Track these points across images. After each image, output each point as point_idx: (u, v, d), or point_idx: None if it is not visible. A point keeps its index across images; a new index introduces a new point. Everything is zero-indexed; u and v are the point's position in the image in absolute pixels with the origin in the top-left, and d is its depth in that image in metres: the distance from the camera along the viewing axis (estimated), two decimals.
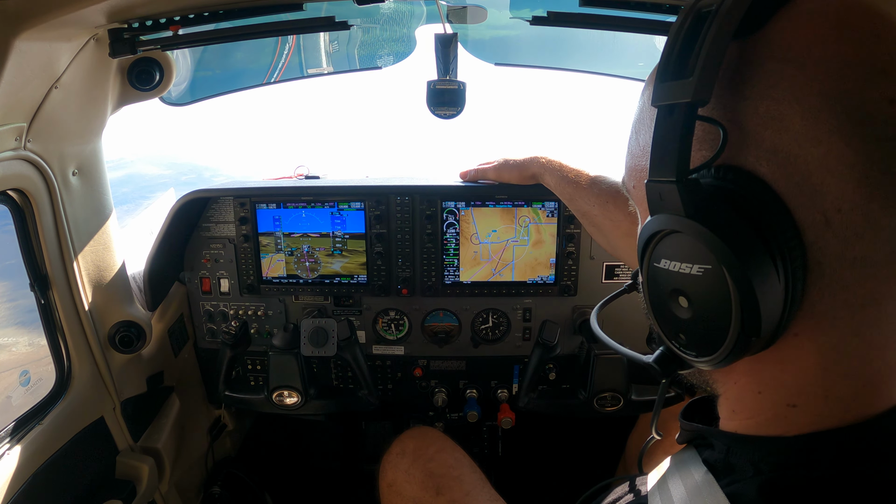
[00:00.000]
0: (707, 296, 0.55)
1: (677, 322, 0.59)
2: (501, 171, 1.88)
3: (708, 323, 0.56)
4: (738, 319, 0.53)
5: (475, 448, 2.45)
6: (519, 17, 1.77)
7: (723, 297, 0.53)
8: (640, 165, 0.67)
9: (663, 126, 0.55)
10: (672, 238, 0.56)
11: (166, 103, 1.92)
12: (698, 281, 0.55)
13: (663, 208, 0.56)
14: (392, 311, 2.18)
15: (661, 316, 0.62)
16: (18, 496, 1.46)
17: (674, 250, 0.57)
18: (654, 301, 0.62)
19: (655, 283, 0.60)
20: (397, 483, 1.66)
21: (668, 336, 0.62)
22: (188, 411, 2.19)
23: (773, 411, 0.61)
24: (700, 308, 0.56)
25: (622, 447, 2.26)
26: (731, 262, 0.51)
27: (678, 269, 0.56)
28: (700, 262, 0.54)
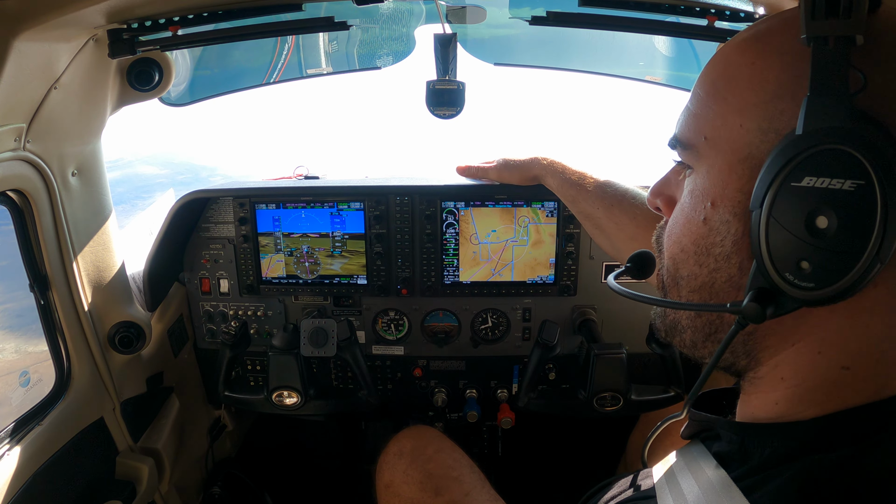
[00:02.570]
0: (853, 214, 0.55)
1: (803, 248, 0.58)
2: (502, 171, 1.88)
3: (843, 245, 0.56)
4: (877, 241, 0.54)
5: (475, 448, 2.45)
6: (518, 16, 1.77)
7: (868, 215, 0.54)
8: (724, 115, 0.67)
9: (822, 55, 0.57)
10: (821, 154, 0.57)
11: (165, 104, 1.92)
12: (847, 198, 0.55)
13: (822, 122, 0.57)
14: (392, 312, 2.18)
15: (778, 245, 0.60)
16: (18, 497, 1.46)
17: (823, 166, 0.57)
18: (774, 229, 0.60)
19: (787, 205, 0.59)
20: (395, 484, 1.65)
21: (779, 269, 0.60)
22: (188, 412, 2.19)
23: (824, 375, 0.63)
24: (842, 227, 0.56)
25: (622, 447, 2.26)
26: (886, 177, 0.54)
27: (826, 185, 0.56)
28: (854, 178, 0.55)
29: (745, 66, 0.67)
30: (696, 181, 0.71)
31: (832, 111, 0.56)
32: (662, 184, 0.82)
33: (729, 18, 1.42)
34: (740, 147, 0.65)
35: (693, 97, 0.73)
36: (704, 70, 0.73)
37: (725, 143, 0.67)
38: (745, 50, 0.68)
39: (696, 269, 0.70)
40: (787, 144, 0.59)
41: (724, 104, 0.68)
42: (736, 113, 0.66)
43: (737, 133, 0.65)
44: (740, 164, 0.65)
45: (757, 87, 0.65)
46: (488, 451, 2.49)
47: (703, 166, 0.70)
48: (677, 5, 1.44)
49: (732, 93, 0.67)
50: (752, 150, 0.64)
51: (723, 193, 0.67)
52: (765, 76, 0.65)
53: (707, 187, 0.69)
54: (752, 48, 0.68)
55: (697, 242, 0.70)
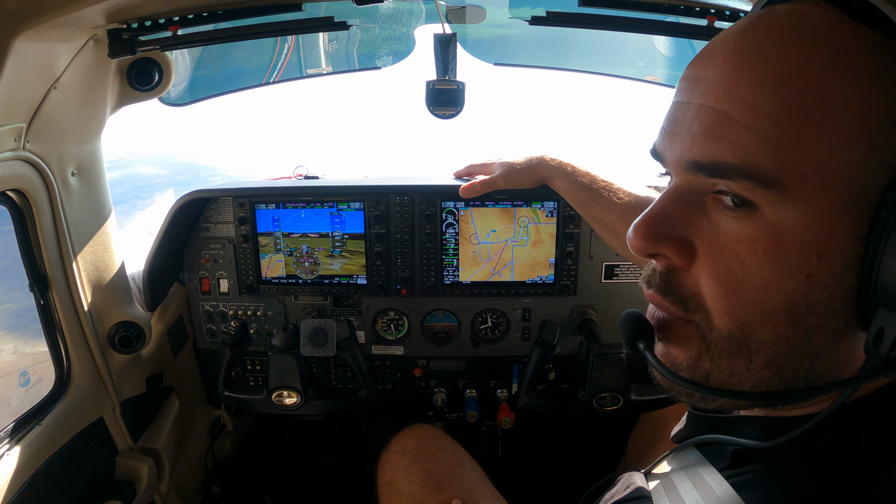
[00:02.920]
0: None
1: None
2: (510, 177, 1.79)
3: None
4: None
5: (475, 448, 2.45)
6: (518, 16, 1.77)
7: None
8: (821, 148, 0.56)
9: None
10: None
11: (165, 103, 1.92)
12: None
13: None
14: (391, 312, 2.18)
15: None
16: (18, 496, 1.46)
17: None
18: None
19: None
20: (397, 482, 1.65)
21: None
22: (188, 412, 2.19)
23: None
24: None
25: (622, 447, 2.26)
26: None
27: None
28: None
29: (836, 87, 0.56)
30: (783, 228, 0.58)
31: None
32: (664, 222, 0.64)
33: (729, 18, 1.42)
34: (848, 187, 0.55)
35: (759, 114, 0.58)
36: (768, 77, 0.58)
37: (830, 181, 0.56)
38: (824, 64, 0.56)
39: (789, 332, 0.59)
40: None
41: (822, 132, 0.56)
42: (840, 145, 0.55)
43: (843, 170, 0.55)
44: (849, 207, 0.56)
45: (858, 115, 0.55)
46: (488, 451, 2.49)
47: (795, 210, 0.57)
48: (677, 5, 1.44)
49: (832, 119, 0.55)
50: (861, 189, 0.55)
51: (833, 244, 0.57)
52: (866, 102, 0.55)
53: (808, 238, 0.57)
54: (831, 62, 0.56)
55: (795, 303, 0.58)
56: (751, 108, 0.57)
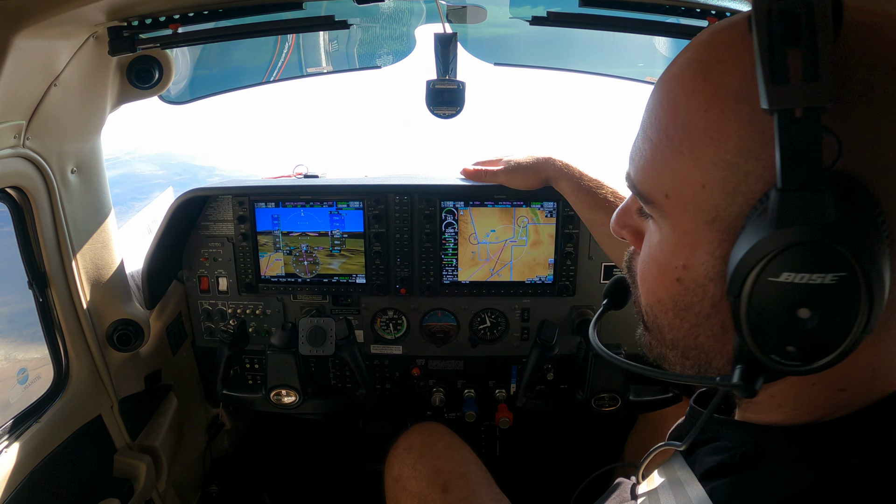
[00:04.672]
0: (837, 303, 0.54)
1: (788, 335, 0.57)
2: (513, 174, 1.83)
3: (829, 329, 0.55)
4: (863, 321, 0.53)
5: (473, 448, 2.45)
6: (518, 16, 1.77)
7: (853, 301, 0.53)
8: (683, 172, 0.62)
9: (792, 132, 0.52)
10: (800, 249, 0.54)
11: (165, 101, 1.92)
12: (830, 290, 0.53)
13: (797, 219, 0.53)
14: (390, 311, 2.18)
15: (761, 332, 0.58)
16: (16, 494, 1.46)
17: (802, 262, 0.54)
18: (755, 318, 0.58)
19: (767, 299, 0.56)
20: (403, 478, 1.66)
21: (765, 351, 0.58)
22: (186, 410, 2.19)
23: (823, 398, 0.63)
24: (826, 316, 0.55)
25: (621, 448, 2.26)
26: (870, 267, 0.52)
27: (806, 280, 0.54)
28: (837, 270, 0.53)
29: (697, 115, 0.61)
30: (662, 236, 0.67)
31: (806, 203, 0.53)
32: (624, 214, 0.78)
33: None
34: (707, 209, 0.61)
35: (645, 139, 0.66)
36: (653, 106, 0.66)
37: (689, 204, 0.62)
38: (695, 92, 0.61)
39: (677, 322, 0.68)
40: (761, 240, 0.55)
41: (681, 158, 0.62)
42: (696, 170, 0.61)
43: (700, 194, 0.61)
44: (708, 227, 0.62)
45: (716, 143, 0.59)
46: (486, 451, 2.49)
47: (667, 224, 0.66)
48: (678, 6, 1.44)
49: (689, 146, 0.61)
50: (720, 212, 0.60)
51: (694, 257, 0.64)
52: (722, 130, 0.59)
53: (676, 249, 0.65)
54: (702, 91, 0.61)
55: (675, 299, 0.67)
56: (644, 132, 0.66)
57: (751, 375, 0.61)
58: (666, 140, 0.63)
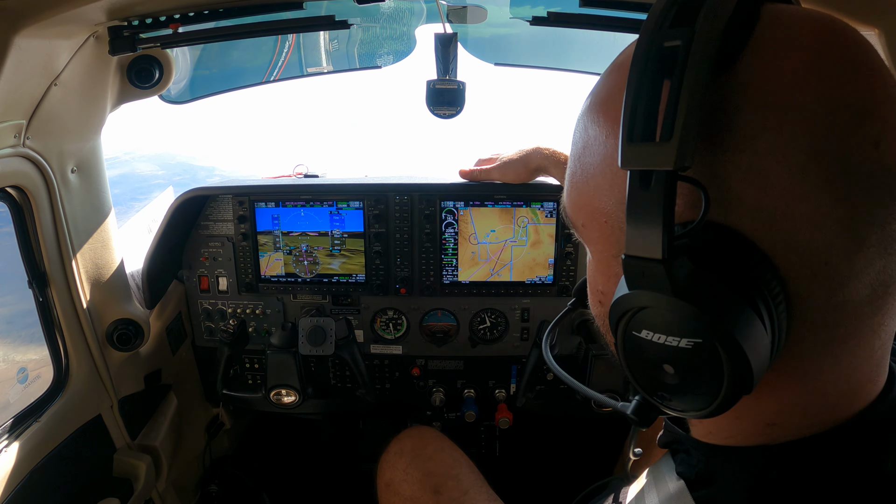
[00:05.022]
0: (696, 365, 0.51)
1: (659, 384, 0.56)
2: (506, 170, 1.87)
3: (695, 387, 0.53)
4: (731, 382, 0.50)
5: (472, 448, 2.45)
6: (519, 17, 1.77)
7: (714, 364, 0.50)
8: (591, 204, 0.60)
9: (639, 195, 0.49)
10: (653, 311, 0.52)
11: (165, 101, 1.92)
12: (686, 353, 0.51)
13: (645, 284, 0.51)
14: (390, 311, 2.18)
15: (639, 375, 0.57)
16: (15, 494, 1.46)
17: (657, 323, 0.52)
18: (630, 364, 0.57)
19: (634, 349, 0.56)
20: (395, 483, 1.66)
21: (649, 393, 0.58)
22: (186, 410, 2.19)
23: (752, 430, 0.60)
24: (687, 376, 0.53)
25: (620, 448, 2.26)
26: (723, 335, 0.48)
27: (663, 341, 0.52)
28: (689, 337, 0.50)
29: (598, 146, 0.58)
30: (589, 258, 0.67)
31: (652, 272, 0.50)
32: None
33: None
34: (612, 242, 0.60)
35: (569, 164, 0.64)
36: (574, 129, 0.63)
37: (599, 235, 0.61)
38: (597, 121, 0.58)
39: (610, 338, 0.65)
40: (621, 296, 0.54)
41: (589, 189, 0.60)
42: (600, 204, 0.59)
43: (605, 228, 0.59)
44: (615, 260, 0.59)
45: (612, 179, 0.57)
46: (486, 451, 2.49)
47: (589, 250, 0.66)
48: None
49: (594, 178, 0.59)
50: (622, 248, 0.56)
51: (607, 286, 0.62)
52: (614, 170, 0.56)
53: (596, 275, 0.65)
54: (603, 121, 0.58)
55: (602, 319, 0.66)
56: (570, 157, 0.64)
57: (644, 409, 0.61)
58: (580, 168, 0.61)
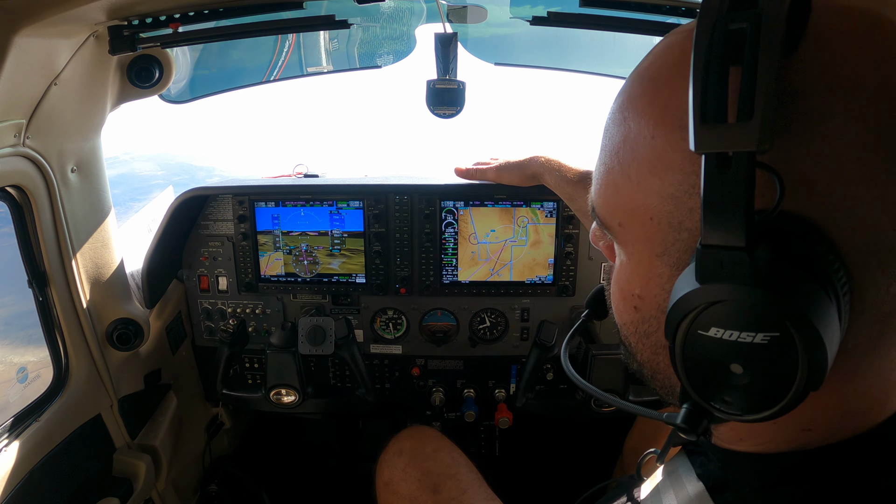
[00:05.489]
0: (771, 362, 0.50)
1: (722, 387, 0.54)
2: (502, 172, 1.87)
3: (766, 387, 0.51)
4: (804, 378, 0.49)
5: (472, 448, 2.45)
6: (519, 16, 1.77)
7: (790, 360, 0.48)
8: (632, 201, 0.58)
9: (720, 180, 0.47)
10: (727, 306, 0.50)
11: (165, 101, 1.92)
12: (761, 349, 0.49)
13: (723, 276, 0.49)
14: (390, 311, 2.18)
15: (699, 381, 0.55)
16: (15, 493, 1.46)
17: (730, 318, 0.50)
18: (691, 368, 0.55)
19: (699, 351, 0.53)
20: (394, 482, 1.66)
21: (706, 399, 0.55)
22: (185, 409, 2.19)
23: (785, 437, 0.59)
24: (760, 374, 0.51)
25: (619, 448, 2.26)
26: (803, 326, 0.47)
27: (735, 338, 0.50)
28: (767, 331, 0.48)
29: (644, 140, 0.56)
30: (621, 262, 0.64)
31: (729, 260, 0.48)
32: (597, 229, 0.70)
33: None
34: (656, 241, 0.58)
35: (601, 162, 0.62)
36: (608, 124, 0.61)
37: (640, 234, 0.59)
38: (642, 113, 0.56)
39: (641, 347, 0.65)
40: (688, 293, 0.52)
41: (630, 186, 0.58)
42: (644, 201, 0.57)
43: (649, 226, 0.57)
44: (658, 260, 0.58)
45: (661, 173, 0.55)
46: (485, 451, 2.49)
47: (624, 251, 0.63)
48: (678, 7, 1.44)
49: (637, 174, 0.57)
50: (668, 246, 0.56)
51: (647, 289, 0.61)
52: (667, 160, 0.54)
53: (632, 278, 0.62)
54: (650, 113, 0.55)
55: (636, 325, 0.64)
56: (601, 154, 0.62)
57: (694, 417, 0.58)
58: (618, 165, 0.59)
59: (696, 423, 0.58)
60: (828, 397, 0.54)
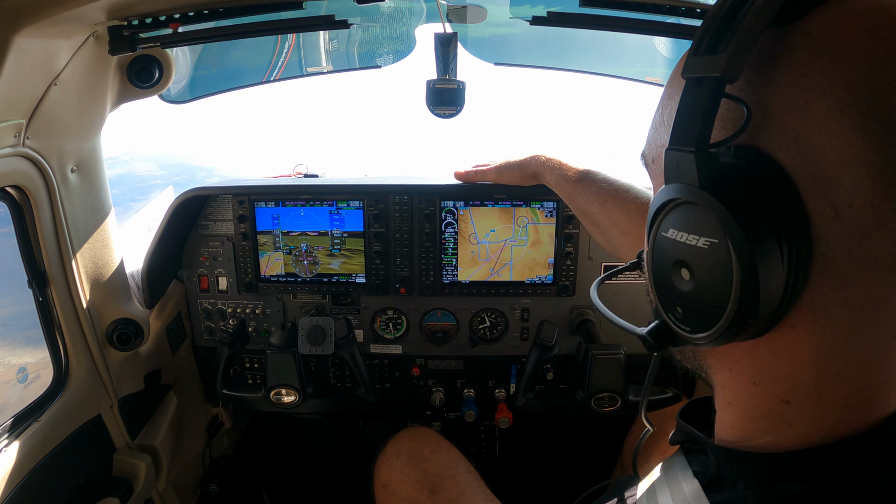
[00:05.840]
0: (709, 270, 0.55)
1: (676, 294, 0.60)
2: (502, 172, 1.87)
3: (707, 298, 0.56)
4: (737, 298, 0.53)
5: (472, 448, 2.45)
6: (519, 16, 1.77)
7: (725, 273, 0.53)
8: (662, 140, 0.66)
9: (690, 98, 0.56)
10: (683, 209, 0.57)
11: (165, 101, 1.92)
12: (703, 254, 0.55)
13: (679, 177, 0.57)
14: (390, 311, 2.18)
15: (661, 287, 0.62)
16: (15, 493, 1.46)
17: (683, 221, 0.57)
18: (656, 271, 0.62)
19: (660, 253, 0.61)
20: (392, 483, 1.66)
21: (665, 308, 0.63)
22: (185, 409, 2.19)
23: (766, 406, 0.61)
24: (701, 282, 0.57)
25: (619, 448, 2.26)
26: (738, 238, 0.52)
27: (685, 240, 0.57)
28: (707, 236, 0.55)
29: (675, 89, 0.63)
30: None
31: (685, 164, 0.55)
32: None
33: None
34: None
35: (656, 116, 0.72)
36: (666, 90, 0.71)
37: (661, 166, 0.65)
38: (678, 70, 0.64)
39: None
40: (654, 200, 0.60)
41: (662, 125, 0.67)
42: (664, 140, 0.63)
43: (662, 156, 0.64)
44: None
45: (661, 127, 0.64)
46: (486, 451, 2.49)
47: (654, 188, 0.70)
48: (677, 6, 1.44)
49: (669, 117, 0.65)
50: None
51: None
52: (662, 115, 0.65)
53: None
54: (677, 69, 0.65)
55: None
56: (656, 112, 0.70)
57: (658, 332, 0.66)
58: (658, 111, 0.69)
59: (659, 337, 0.66)
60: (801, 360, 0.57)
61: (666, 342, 0.66)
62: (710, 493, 0.63)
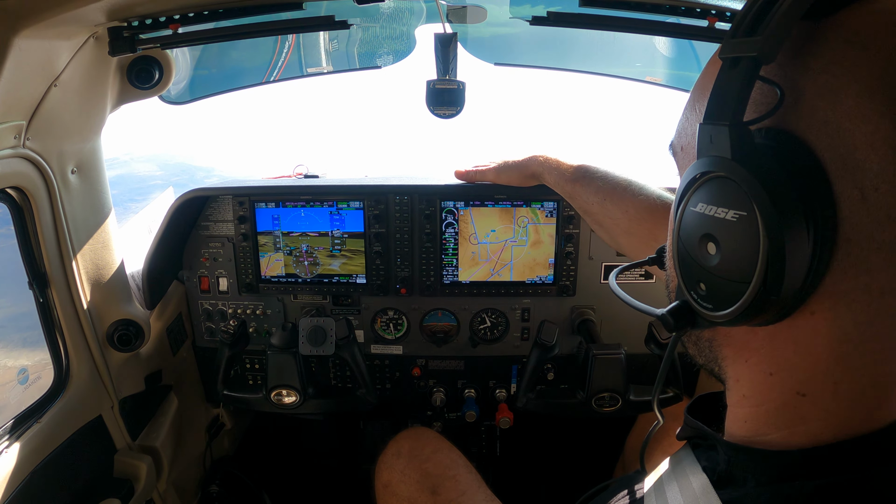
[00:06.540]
0: (736, 243, 0.56)
1: (700, 271, 0.61)
2: (501, 172, 1.87)
3: (732, 272, 0.57)
4: (762, 274, 0.54)
5: (473, 448, 2.45)
6: (519, 16, 1.77)
7: (752, 247, 0.54)
8: (692, 129, 0.67)
9: (726, 77, 0.57)
10: (713, 183, 0.59)
11: (165, 102, 1.92)
12: (731, 227, 0.56)
13: (711, 151, 0.58)
14: (390, 311, 2.18)
15: (684, 263, 0.63)
16: (16, 494, 1.46)
17: (713, 194, 0.58)
18: (681, 247, 0.63)
19: (687, 227, 0.62)
20: (393, 484, 1.66)
21: (688, 286, 0.63)
22: (186, 410, 2.19)
23: (781, 399, 0.61)
24: (727, 256, 0.57)
25: (620, 448, 2.26)
26: (767, 210, 0.53)
27: (713, 213, 0.58)
28: (736, 208, 0.56)
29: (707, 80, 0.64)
30: None
31: (719, 138, 0.57)
32: None
33: (730, 20, 1.43)
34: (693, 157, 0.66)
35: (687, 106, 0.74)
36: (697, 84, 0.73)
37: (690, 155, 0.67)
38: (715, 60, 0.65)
39: None
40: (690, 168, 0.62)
41: (691, 117, 0.69)
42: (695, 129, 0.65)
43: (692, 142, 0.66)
44: None
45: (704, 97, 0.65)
46: (486, 451, 2.49)
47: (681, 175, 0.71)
48: (678, 6, 1.44)
49: (699, 105, 0.67)
50: None
51: None
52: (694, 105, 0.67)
53: None
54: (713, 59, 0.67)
55: None
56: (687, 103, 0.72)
57: (679, 311, 0.66)
58: (690, 99, 0.71)
59: (679, 317, 0.66)
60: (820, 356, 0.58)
61: (685, 323, 0.66)
62: (720, 490, 0.63)
